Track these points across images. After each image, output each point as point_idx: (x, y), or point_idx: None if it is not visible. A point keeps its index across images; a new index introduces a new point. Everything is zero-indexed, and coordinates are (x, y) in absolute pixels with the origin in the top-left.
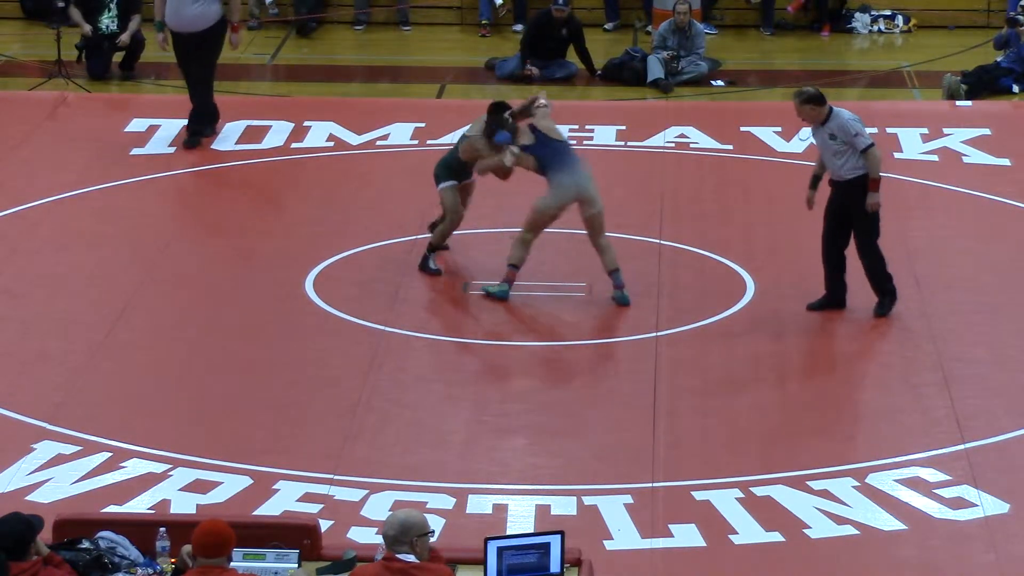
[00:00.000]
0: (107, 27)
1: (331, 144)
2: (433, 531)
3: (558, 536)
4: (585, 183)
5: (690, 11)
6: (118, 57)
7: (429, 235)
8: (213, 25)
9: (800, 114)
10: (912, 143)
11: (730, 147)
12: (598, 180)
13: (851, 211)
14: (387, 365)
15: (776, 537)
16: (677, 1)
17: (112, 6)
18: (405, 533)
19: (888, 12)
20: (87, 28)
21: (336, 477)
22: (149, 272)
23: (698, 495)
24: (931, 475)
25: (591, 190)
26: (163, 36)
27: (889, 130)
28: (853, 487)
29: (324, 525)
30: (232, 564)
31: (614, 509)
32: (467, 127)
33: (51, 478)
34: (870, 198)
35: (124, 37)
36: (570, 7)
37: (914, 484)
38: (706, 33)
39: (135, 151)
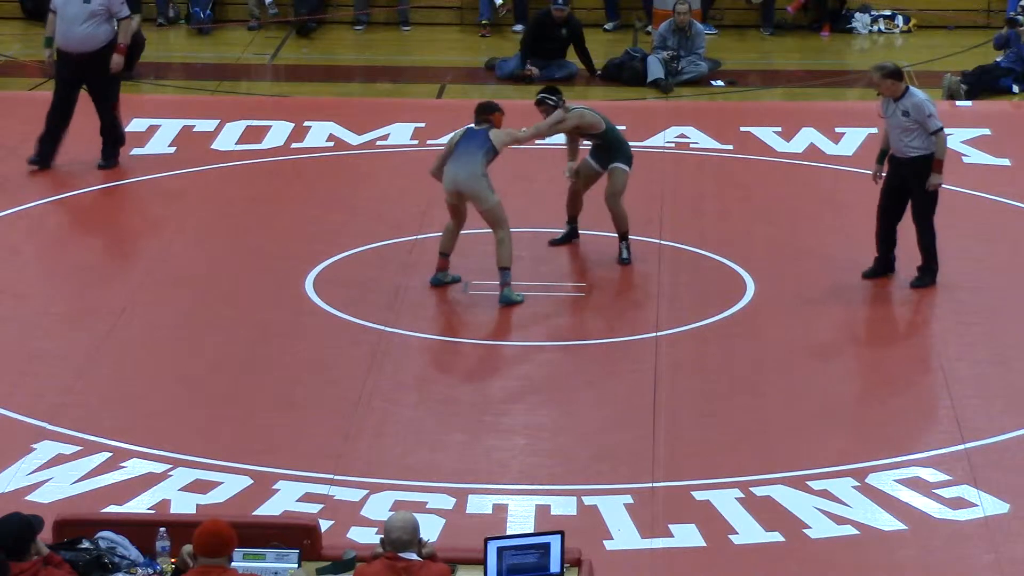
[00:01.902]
0: None
1: (331, 144)
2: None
3: (558, 536)
4: (460, 179)
5: (690, 11)
6: None
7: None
8: (103, 47)
9: (880, 87)
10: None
11: (730, 147)
12: (598, 180)
13: (911, 188)
14: (387, 365)
15: (776, 537)
16: (677, 1)
17: None
18: (415, 534)
19: (888, 12)
20: (138, 19)
21: (336, 477)
22: (149, 272)
23: (698, 495)
24: (931, 475)
25: (470, 186)
26: (49, 52)
27: None
28: (853, 487)
29: (324, 525)
30: (232, 564)
31: (614, 509)
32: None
33: (51, 478)
34: (933, 178)
35: (135, 19)
36: (570, 7)
37: (914, 484)
38: (706, 33)
39: (135, 151)
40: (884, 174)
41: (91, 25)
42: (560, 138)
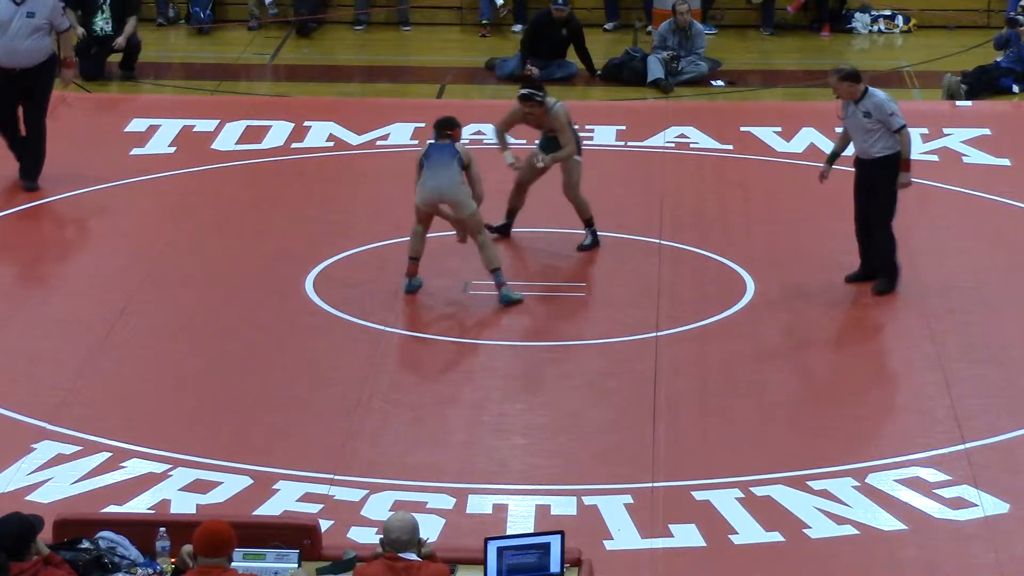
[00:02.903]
0: (101, 29)
1: (331, 144)
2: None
3: (558, 536)
4: (443, 187)
5: (690, 11)
6: (116, 58)
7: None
8: (45, 60)
9: (837, 90)
10: (912, 143)
11: (730, 147)
12: (598, 180)
13: (875, 189)
14: (387, 365)
15: (776, 537)
16: (677, 1)
17: (105, 7)
18: (415, 534)
19: (888, 12)
20: (81, 31)
21: (336, 477)
22: (149, 272)
23: (698, 495)
24: (931, 475)
25: (452, 193)
26: None
27: None
28: (853, 487)
29: (324, 525)
30: (232, 564)
31: (614, 509)
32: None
33: (51, 478)
34: (902, 177)
35: (120, 40)
36: (570, 7)
37: (914, 484)
38: (706, 33)
39: (135, 151)
40: (853, 178)
41: (35, 39)
42: None
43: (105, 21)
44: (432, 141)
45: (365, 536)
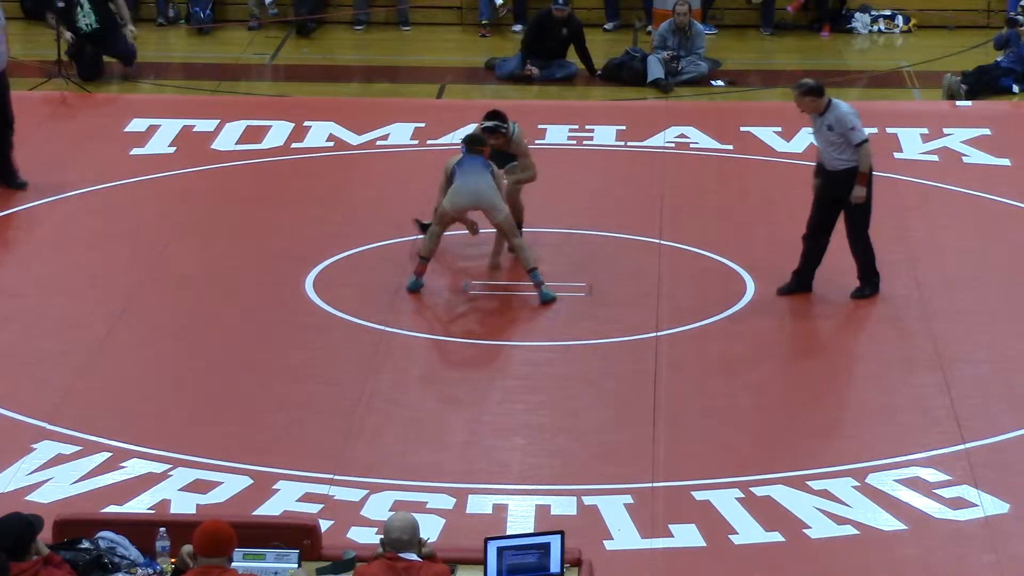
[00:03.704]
0: (87, 25)
1: (331, 144)
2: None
3: (558, 536)
4: (481, 190)
5: (690, 11)
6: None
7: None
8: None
9: (800, 105)
10: (912, 143)
11: (730, 147)
12: (598, 180)
13: (842, 201)
14: (387, 365)
15: (776, 537)
16: (677, 2)
17: (83, 2)
18: (415, 534)
19: (888, 12)
20: (68, 35)
21: (336, 477)
22: (149, 272)
23: (698, 495)
24: (931, 475)
25: (489, 197)
26: None
27: (889, 130)
28: (853, 487)
29: (324, 525)
30: (232, 564)
31: (614, 509)
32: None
33: (51, 478)
34: (856, 191)
35: (130, 27)
36: (570, 7)
37: (914, 484)
38: (706, 33)
39: (135, 151)
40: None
41: (3, 43)
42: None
43: (86, 16)
44: (463, 154)
45: (365, 536)
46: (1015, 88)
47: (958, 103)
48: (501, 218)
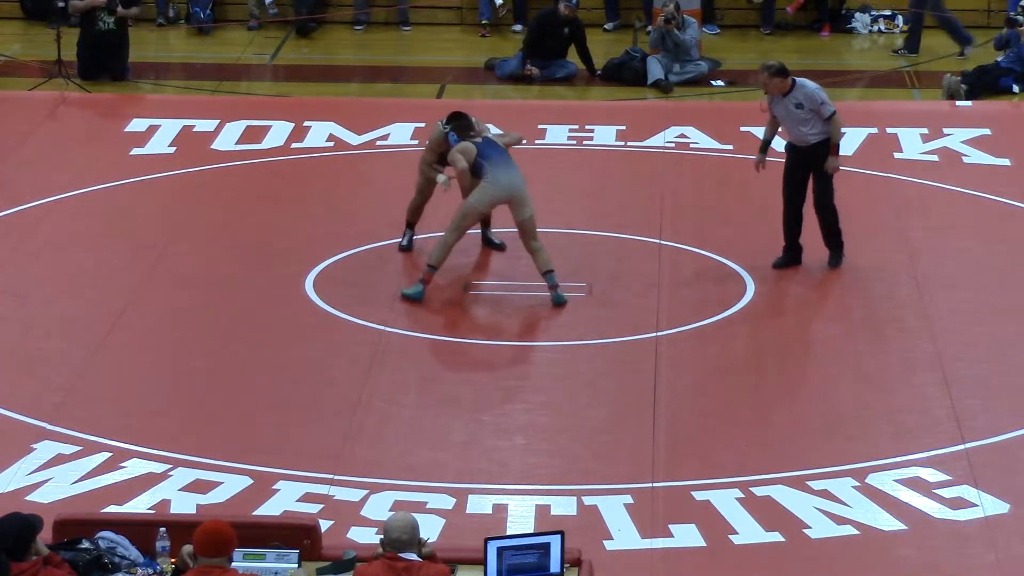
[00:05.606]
0: (105, 24)
1: (331, 144)
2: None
3: (558, 536)
4: (519, 184)
5: (675, 21)
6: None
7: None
8: None
9: (767, 86)
10: (912, 143)
11: (730, 147)
12: (598, 180)
13: (813, 172)
14: (387, 365)
15: (776, 537)
16: (665, 12)
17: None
18: (415, 534)
19: (888, 12)
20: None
21: (336, 477)
22: (149, 272)
23: (698, 495)
24: (931, 475)
25: (524, 192)
26: None
27: (889, 130)
28: (853, 487)
29: (324, 525)
30: (232, 564)
31: (614, 509)
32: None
33: (51, 478)
34: (831, 161)
35: (134, 9)
36: (577, 5)
37: (914, 484)
38: (706, 33)
39: (135, 151)
40: (785, 163)
41: None
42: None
43: (105, 23)
44: (479, 140)
45: (365, 536)
46: (1015, 88)
47: (958, 103)
48: (527, 215)
